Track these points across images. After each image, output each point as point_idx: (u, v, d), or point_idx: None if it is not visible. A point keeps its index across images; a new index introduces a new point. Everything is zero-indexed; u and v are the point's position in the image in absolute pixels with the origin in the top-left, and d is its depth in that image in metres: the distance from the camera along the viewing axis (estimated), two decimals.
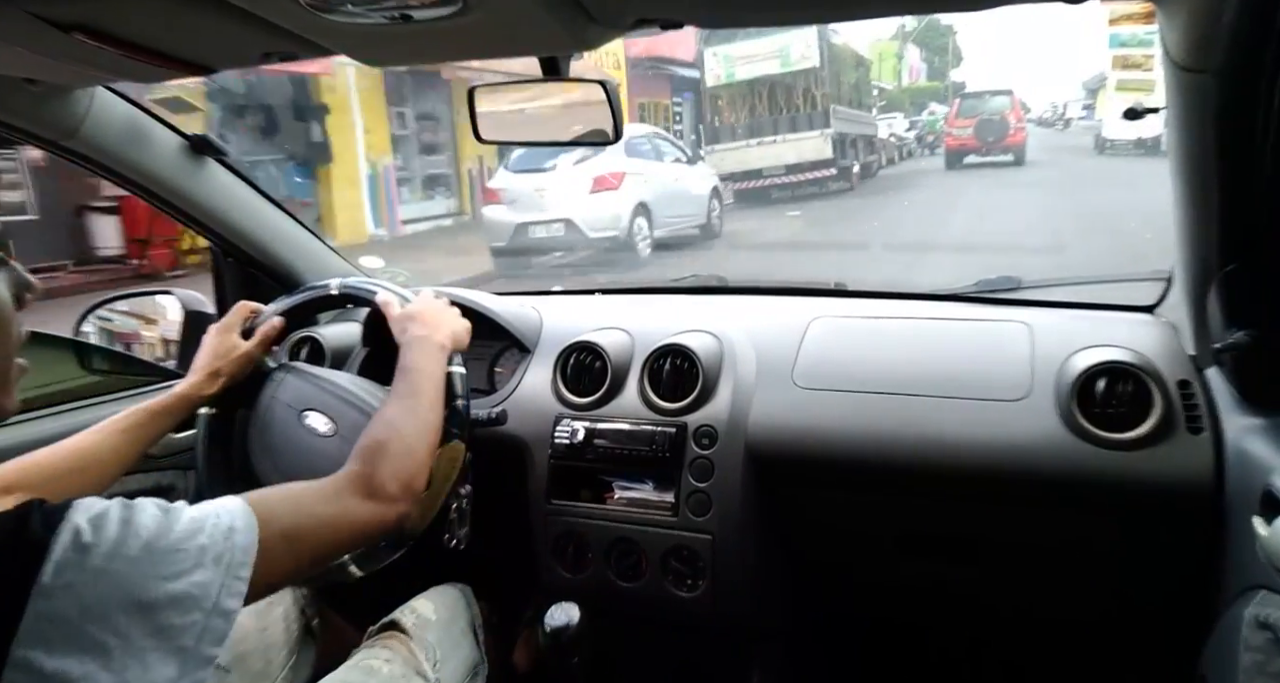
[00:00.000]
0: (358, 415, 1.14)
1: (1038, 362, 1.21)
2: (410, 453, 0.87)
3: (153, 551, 0.59)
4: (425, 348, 1.03)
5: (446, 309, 1.13)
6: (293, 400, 1.20)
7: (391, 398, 0.96)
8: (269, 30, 0.84)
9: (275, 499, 0.73)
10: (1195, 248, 1.00)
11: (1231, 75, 0.78)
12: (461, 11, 0.75)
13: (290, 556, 0.71)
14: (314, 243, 1.65)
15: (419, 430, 0.91)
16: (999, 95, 17.58)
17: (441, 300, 1.15)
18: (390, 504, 0.81)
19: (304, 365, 1.26)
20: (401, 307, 1.13)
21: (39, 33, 0.82)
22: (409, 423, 0.90)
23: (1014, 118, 16.69)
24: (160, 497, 1.40)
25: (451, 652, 1.17)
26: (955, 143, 17.29)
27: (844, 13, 0.91)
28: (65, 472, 1.02)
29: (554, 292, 1.77)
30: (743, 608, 1.32)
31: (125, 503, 0.61)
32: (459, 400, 1.09)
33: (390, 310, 1.13)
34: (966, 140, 16.81)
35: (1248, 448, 0.99)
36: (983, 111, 16.75)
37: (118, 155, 1.28)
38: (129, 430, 1.07)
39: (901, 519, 1.29)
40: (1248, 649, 0.86)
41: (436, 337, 1.05)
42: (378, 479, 0.81)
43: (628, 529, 1.31)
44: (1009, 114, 16.62)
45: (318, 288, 1.27)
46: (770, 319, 1.47)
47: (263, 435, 1.21)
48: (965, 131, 16.81)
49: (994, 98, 17.46)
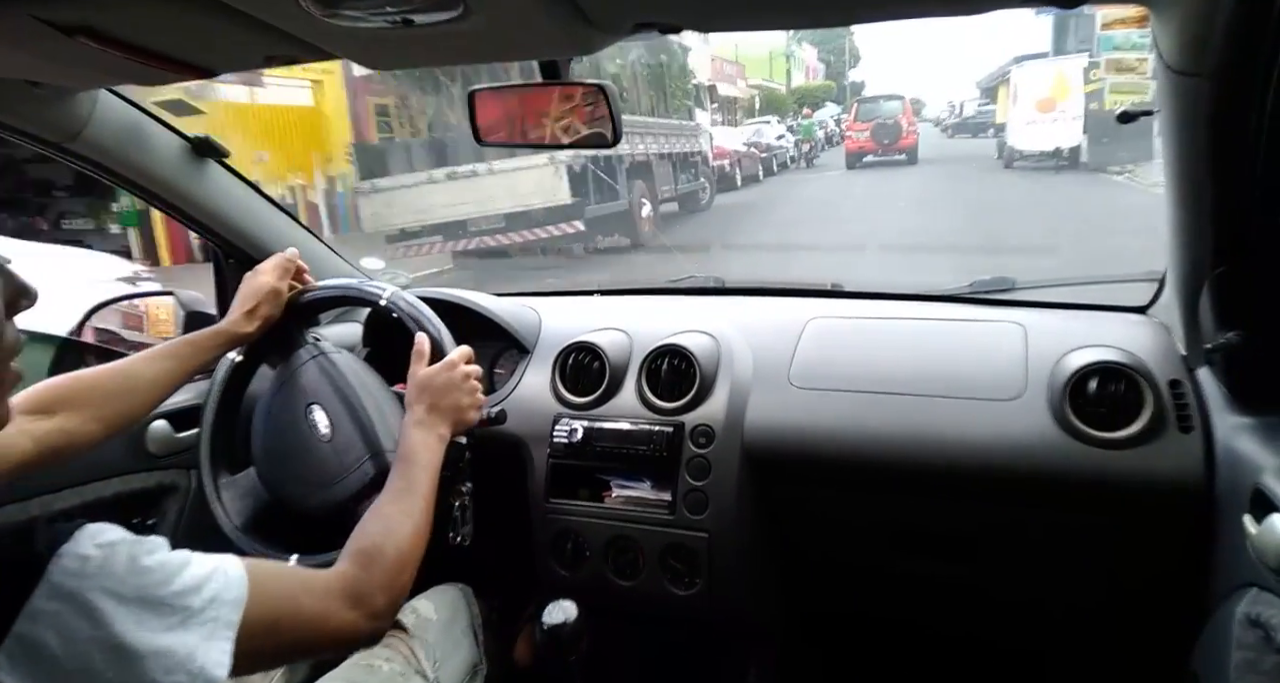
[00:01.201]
0: (353, 429, 1.16)
1: (1031, 362, 1.22)
2: (402, 567, 0.85)
3: (147, 598, 0.56)
4: (428, 438, 1.00)
5: (461, 383, 1.08)
6: (307, 387, 1.21)
7: (389, 492, 0.93)
8: (271, 34, 0.84)
9: (271, 581, 0.70)
10: (1187, 249, 1.01)
11: (1224, 79, 0.79)
12: (462, 16, 0.76)
13: (270, 641, 0.68)
14: (315, 244, 1.65)
15: (413, 538, 0.88)
16: (892, 100, 18.75)
17: (460, 371, 1.09)
18: (373, 620, 0.79)
19: (331, 351, 1.25)
20: (430, 359, 1.10)
21: (43, 36, 0.83)
22: (404, 528, 0.88)
23: (906, 121, 17.98)
24: (162, 496, 1.42)
25: (451, 651, 1.17)
26: (854, 145, 18.44)
27: (843, 17, 0.92)
28: (114, 392, 1.03)
29: (553, 292, 1.78)
30: (739, 606, 1.33)
31: (137, 540, 0.59)
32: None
33: (417, 365, 1.09)
34: (864, 143, 18.04)
35: (1238, 447, 1.00)
36: (878, 115, 17.88)
37: (120, 157, 1.28)
38: (174, 358, 1.10)
39: (896, 518, 1.30)
40: (1239, 647, 0.87)
41: (441, 425, 1.03)
42: (368, 588, 0.79)
43: (625, 527, 1.32)
44: (901, 118, 17.81)
45: (368, 291, 1.24)
46: (767, 320, 1.48)
47: (267, 414, 1.23)
48: (863, 134, 17.99)
49: (888, 102, 18.62)
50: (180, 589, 0.59)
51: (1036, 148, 13.86)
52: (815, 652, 1.62)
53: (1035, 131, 13.60)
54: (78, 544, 0.55)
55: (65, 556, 0.54)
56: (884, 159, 17.84)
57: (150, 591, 0.57)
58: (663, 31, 0.89)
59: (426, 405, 1.04)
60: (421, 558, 0.89)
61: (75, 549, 0.55)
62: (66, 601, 0.53)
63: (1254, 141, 0.81)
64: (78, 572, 0.54)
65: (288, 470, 1.21)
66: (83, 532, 0.56)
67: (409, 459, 0.97)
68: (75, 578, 0.54)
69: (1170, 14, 0.81)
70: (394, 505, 0.91)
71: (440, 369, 1.08)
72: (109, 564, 0.56)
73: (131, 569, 0.57)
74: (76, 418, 0.99)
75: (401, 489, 0.93)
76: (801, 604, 1.52)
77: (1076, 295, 1.47)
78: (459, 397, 1.07)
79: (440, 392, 1.06)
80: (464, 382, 1.08)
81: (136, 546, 0.59)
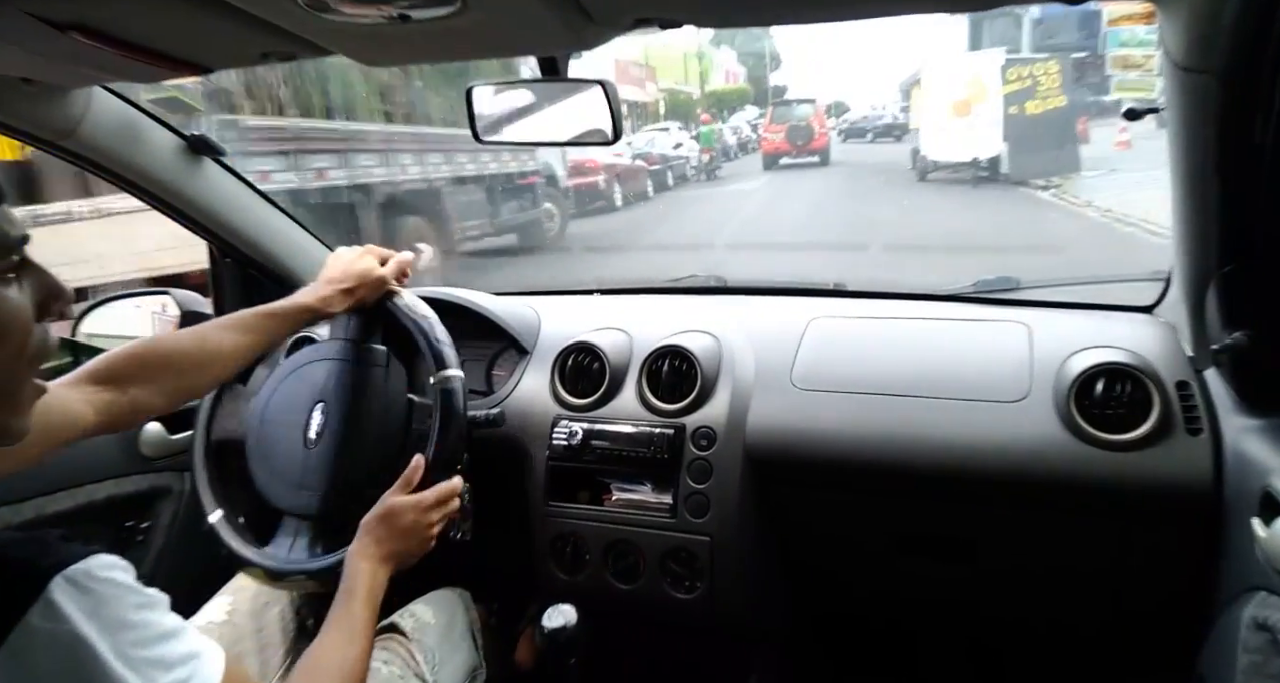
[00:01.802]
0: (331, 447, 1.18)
1: (1036, 362, 1.21)
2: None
3: (126, 655, 0.54)
4: (374, 577, 0.95)
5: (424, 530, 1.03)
6: (320, 383, 1.21)
7: (334, 631, 0.89)
8: (267, 30, 0.84)
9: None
10: (1194, 249, 1.00)
11: (1232, 76, 0.78)
12: (460, 11, 0.75)
13: None
14: (312, 244, 1.64)
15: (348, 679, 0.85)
16: (804, 104, 19.19)
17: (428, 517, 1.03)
18: None
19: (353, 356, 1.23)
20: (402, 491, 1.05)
21: (36, 32, 0.82)
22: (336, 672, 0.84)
23: (818, 124, 18.44)
24: (155, 498, 1.41)
25: (450, 655, 1.17)
26: (771, 147, 18.81)
27: (847, 12, 0.91)
28: (189, 367, 0.98)
29: (553, 292, 1.77)
30: (741, 610, 1.32)
31: (140, 589, 0.57)
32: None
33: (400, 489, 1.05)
34: (780, 144, 18.33)
35: (1246, 449, 0.99)
36: (791, 118, 18.30)
37: (115, 155, 1.27)
38: (256, 332, 1.05)
39: (900, 520, 1.29)
40: (1246, 651, 0.86)
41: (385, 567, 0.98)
42: None
43: (626, 531, 1.31)
44: (813, 120, 18.27)
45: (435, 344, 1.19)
46: (769, 320, 1.46)
47: (267, 406, 1.23)
48: (779, 136, 18.36)
49: (800, 105, 19.01)
50: (155, 659, 0.56)
51: (952, 159, 12.07)
52: (817, 656, 1.61)
53: (949, 140, 11.91)
54: (86, 571, 0.53)
55: (70, 579, 0.52)
56: (798, 161, 18.15)
57: (129, 648, 0.54)
58: (662, 26, 0.88)
59: (380, 543, 0.98)
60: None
61: (81, 576, 0.53)
62: (55, 623, 0.51)
63: (1261, 139, 0.80)
64: (76, 602, 0.52)
65: (269, 462, 1.22)
66: (94, 560, 0.54)
67: (352, 596, 0.92)
68: (71, 606, 0.52)
69: (1178, 10, 0.80)
70: (335, 652, 0.86)
71: (411, 508, 1.02)
72: (107, 607, 0.54)
73: (123, 621, 0.54)
74: (146, 390, 0.95)
75: (346, 632, 0.88)
76: (803, 608, 1.51)
77: (1081, 295, 1.46)
78: (411, 544, 1.02)
79: (400, 534, 1.00)
80: (425, 530, 1.03)
81: (138, 594, 0.57)
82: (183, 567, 1.38)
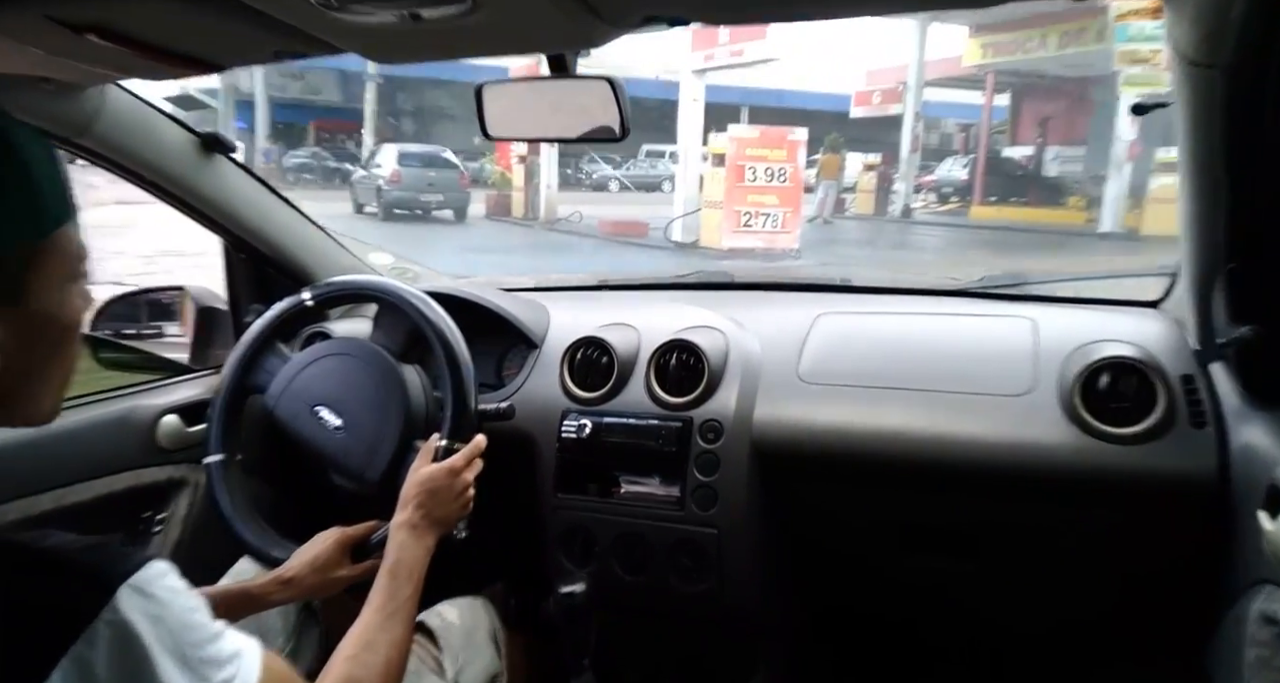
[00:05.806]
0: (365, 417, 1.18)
1: (1042, 357, 1.21)
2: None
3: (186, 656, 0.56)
4: (417, 550, 0.98)
5: (460, 494, 1.05)
6: (310, 389, 1.22)
7: (376, 611, 0.90)
8: (279, 29, 0.84)
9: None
10: (1201, 243, 1.00)
11: (1240, 70, 0.78)
12: (470, 10, 0.76)
13: None
14: (324, 240, 1.66)
15: (393, 662, 0.86)
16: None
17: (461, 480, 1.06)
18: None
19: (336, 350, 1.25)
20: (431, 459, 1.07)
21: (53, 34, 0.83)
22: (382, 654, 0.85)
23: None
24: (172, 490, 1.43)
25: (473, 658, 1.18)
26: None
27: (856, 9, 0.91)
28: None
29: (562, 287, 1.77)
30: (748, 602, 1.33)
31: (190, 593, 0.59)
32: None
33: (422, 460, 1.07)
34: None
35: (1252, 443, 0.99)
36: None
37: (129, 152, 1.29)
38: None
39: (906, 514, 1.30)
40: (1253, 645, 0.86)
41: (429, 535, 1.00)
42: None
43: (634, 523, 1.32)
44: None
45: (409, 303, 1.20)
46: (776, 315, 1.47)
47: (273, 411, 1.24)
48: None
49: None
50: (209, 658, 0.58)
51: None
52: (824, 649, 1.62)
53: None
54: (146, 578, 0.55)
55: (135, 586, 0.54)
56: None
57: (188, 649, 0.57)
58: (671, 24, 0.88)
59: (422, 510, 1.01)
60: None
61: (144, 583, 0.55)
62: (120, 630, 0.53)
63: (1270, 133, 0.80)
64: (141, 608, 0.54)
65: (307, 463, 1.22)
66: (151, 567, 0.56)
67: (397, 573, 0.94)
68: (137, 613, 0.54)
69: (1186, 5, 0.80)
70: (381, 633, 0.87)
71: (444, 473, 1.05)
72: (168, 612, 0.56)
73: (183, 623, 0.57)
74: None
75: (390, 614, 0.90)
76: (810, 601, 1.52)
77: (1088, 290, 1.46)
78: (452, 508, 1.04)
79: (438, 498, 1.03)
80: (463, 493, 1.06)
81: (189, 598, 0.59)
82: (197, 559, 1.40)
